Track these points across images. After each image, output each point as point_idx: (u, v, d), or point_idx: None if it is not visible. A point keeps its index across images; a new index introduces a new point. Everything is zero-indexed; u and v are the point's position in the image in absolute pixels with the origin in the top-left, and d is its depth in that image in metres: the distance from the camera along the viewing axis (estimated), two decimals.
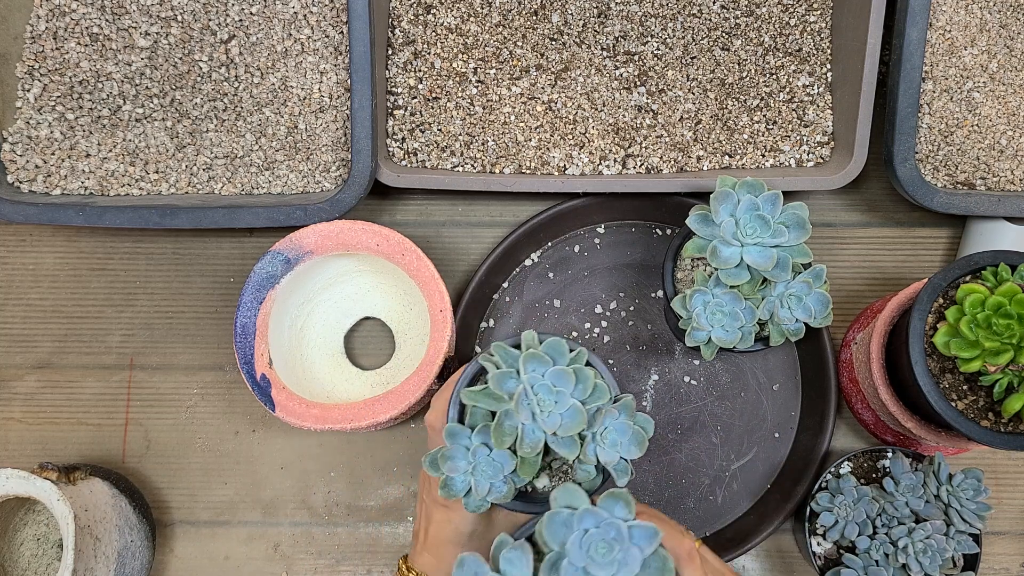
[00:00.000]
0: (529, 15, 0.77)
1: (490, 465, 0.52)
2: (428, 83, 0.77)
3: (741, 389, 0.76)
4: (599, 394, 0.52)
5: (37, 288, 0.80)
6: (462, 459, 0.52)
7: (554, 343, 0.52)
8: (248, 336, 0.67)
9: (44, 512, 0.73)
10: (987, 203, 0.70)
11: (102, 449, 0.77)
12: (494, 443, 0.51)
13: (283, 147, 0.75)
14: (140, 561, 0.70)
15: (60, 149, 0.74)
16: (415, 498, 0.76)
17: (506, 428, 0.51)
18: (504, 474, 0.53)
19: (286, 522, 0.76)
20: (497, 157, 0.76)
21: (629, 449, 0.52)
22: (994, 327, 0.55)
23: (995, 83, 0.73)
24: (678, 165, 0.76)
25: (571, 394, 0.51)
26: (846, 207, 0.80)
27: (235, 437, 0.77)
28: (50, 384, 0.78)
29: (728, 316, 0.64)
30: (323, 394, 0.72)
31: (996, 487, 0.75)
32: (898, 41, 0.69)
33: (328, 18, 0.75)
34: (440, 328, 0.66)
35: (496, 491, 0.53)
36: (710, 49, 0.77)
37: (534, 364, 0.51)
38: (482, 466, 0.52)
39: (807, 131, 0.76)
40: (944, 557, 0.63)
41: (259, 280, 0.68)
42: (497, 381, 0.51)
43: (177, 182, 0.75)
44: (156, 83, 0.75)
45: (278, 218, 0.70)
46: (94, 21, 0.75)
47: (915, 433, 0.64)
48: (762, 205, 0.61)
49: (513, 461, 0.52)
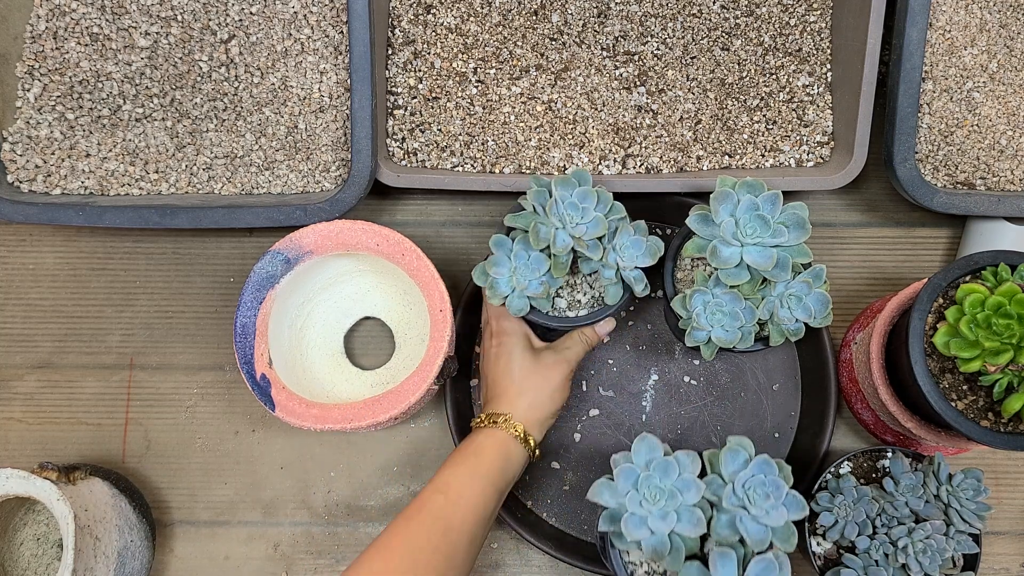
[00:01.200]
0: (529, 15, 0.77)
1: (528, 267, 0.64)
2: (428, 83, 0.77)
3: (741, 389, 0.76)
4: (617, 210, 0.65)
5: (37, 288, 0.80)
6: (505, 265, 0.65)
7: (580, 173, 0.64)
8: (248, 336, 0.67)
9: (44, 512, 0.73)
10: (987, 203, 0.70)
11: (102, 449, 0.77)
12: (532, 244, 0.63)
13: (283, 147, 0.75)
14: (140, 561, 0.70)
15: (60, 149, 0.74)
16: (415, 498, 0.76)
17: (541, 233, 0.63)
18: (540, 275, 0.64)
19: (286, 522, 0.76)
20: (497, 157, 0.76)
21: (643, 258, 0.64)
22: (994, 327, 0.55)
23: (995, 83, 0.73)
24: (678, 165, 0.76)
25: (594, 209, 0.63)
26: (846, 207, 0.80)
27: (235, 437, 0.77)
28: (50, 384, 0.78)
29: (728, 316, 0.64)
30: (323, 394, 0.72)
31: (996, 487, 0.75)
32: (898, 41, 0.69)
33: (328, 18, 0.75)
34: (440, 328, 0.66)
35: (533, 289, 0.65)
36: (710, 49, 0.77)
37: (564, 186, 0.63)
38: (521, 268, 0.64)
39: (807, 131, 0.76)
40: (944, 557, 0.63)
41: (259, 280, 0.68)
42: (534, 196, 0.64)
43: (177, 182, 0.75)
44: (156, 83, 0.75)
45: (278, 218, 0.70)
46: (94, 21, 0.75)
47: (915, 433, 0.64)
48: (762, 205, 0.61)
49: (547, 263, 0.64)
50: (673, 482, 0.55)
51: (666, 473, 0.56)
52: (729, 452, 0.56)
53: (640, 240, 0.65)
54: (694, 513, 0.55)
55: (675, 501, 0.55)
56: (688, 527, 0.54)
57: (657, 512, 0.55)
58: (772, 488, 0.54)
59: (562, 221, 0.62)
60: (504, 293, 0.65)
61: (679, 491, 0.55)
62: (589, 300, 0.69)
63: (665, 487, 0.55)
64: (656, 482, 0.55)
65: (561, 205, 0.62)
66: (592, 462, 0.75)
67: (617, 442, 0.75)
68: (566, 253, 0.63)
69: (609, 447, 0.75)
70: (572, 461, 0.75)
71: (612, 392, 0.76)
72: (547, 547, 0.71)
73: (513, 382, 0.66)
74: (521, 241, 0.65)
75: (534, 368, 0.67)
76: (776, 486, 0.54)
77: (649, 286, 0.67)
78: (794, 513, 0.54)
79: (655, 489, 0.55)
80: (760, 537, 0.54)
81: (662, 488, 0.55)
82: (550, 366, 0.67)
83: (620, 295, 0.67)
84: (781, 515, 0.54)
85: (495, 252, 0.65)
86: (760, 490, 0.54)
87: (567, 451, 0.76)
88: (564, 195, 0.63)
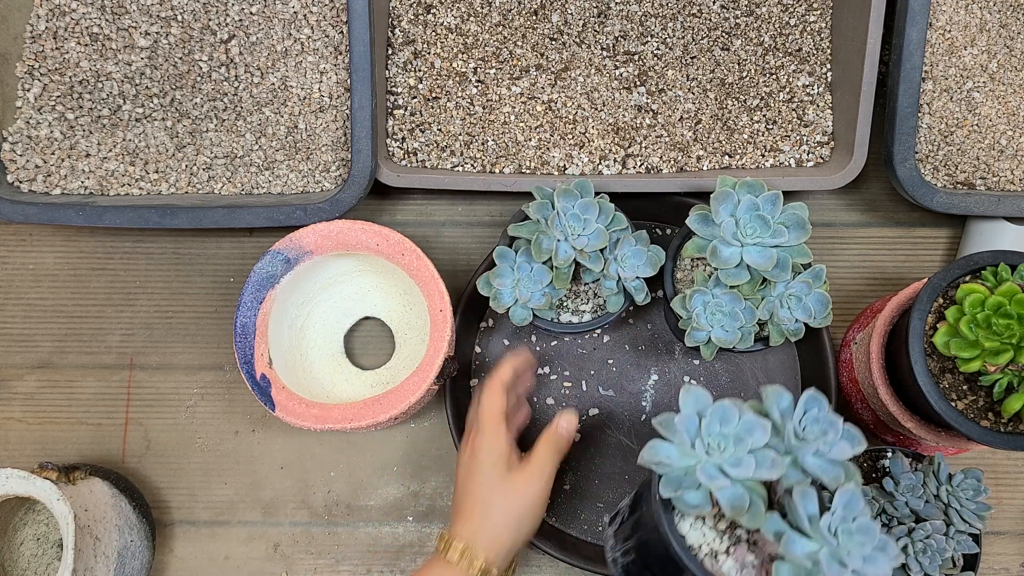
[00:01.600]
0: (529, 15, 0.77)
1: (531, 278, 0.65)
2: (428, 83, 0.77)
3: (741, 389, 0.76)
4: (618, 222, 0.66)
5: (37, 288, 0.80)
6: (508, 276, 0.66)
7: (582, 183, 0.64)
8: (248, 336, 0.67)
9: (44, 512, 0.73)
10: (987, 203, 0.70)
11: (102, 449, 0.77)
12: (534, 256, 0.64)
13: (283, 147, 0.75)
14: (140, 561, 0.70)
15: (60, 149, 0.74)
16: (415, 498, 0.76)
17: (544, 245, 0.64)
18: (542, 286, 0.65)
19: (286, 522, 0.76)
20: (497, 157, 0.76)
21: (644, 269, 0.65)
22: (994, 327, 0.55)
23: (995, 83, 0.73)
24: (678, 165, 0.76)
25: (595, 220, 0.64)
26: (846, 207, 0.80)
27: (235, 437, 0.77)
28: (50, 384, 0.78)
29: (728, 316, 0.64)
30: (323, 394, 0.72)
31: (996, 487, 0.75)
32: (898, 41, 0.69)
33: (328, 18, 0.75)
34: (440, 328, 0.66)
35: (536, 301, 0.66)
36: (710, 49, 0.77)
37: (566, 197, 0.64)
38: (524, 280, 0.65)
39: (807, 131, 0.76)
40: (944, 557, 0.63)
41: (259, 280, 0.68)
42: (536, 210, 0.65)
43: (177, 182, 0.75)
44: (156, 83, 0.75)
45: (278, 218, 0.70)
46: (94, 21, 0.75)
47: (915, 433, 0.64)
48: (762, 205, 0.61)
49: (549, 275, 0.65)
50: (735, 427, 0.50)
51: (726, 418, 0.50)
52: (774, 393, 0.52)
53: (641, 250, 0.65)
54: (767, 455, 0.49)
55: (744, 445, 0.49)
56: (766, 470, 0.49)
57: (729, 459, 0.49)
58: (828, 424, 0.51)
59: (564, 233, 0.63)
60: (507, 304, 0.67)
61: (746, 434, 0.50)
62: (592, 307, 0.70)
63: (729, 433, 0.50)
64: (719, 429, 0.50)
65: (563, 217, 0.63)
66: (592, 462, 0.75)
67: (617, 442, 0.75)
68: (568, 265, 0.65)
69: (609, 447, 0.75)
70: (572, 461, 0.75)
71: (612, 392, 0.76)
72: (547, 547, 0.71)
73: (480, 502, 0.61)
74: (524, 252, 0.66)
75: (505, 491, 0.61)
76: (832, 421, 0.51)
77: (650, 295, 0.68)
78: (856, 446, 0.51)
79: (719, 437, 0.50)
80: (833, 474, 0.50)
81: (725, 435, 0.50)
82: (521, 491, 0.62)
83: (622, 304, 0.68)
84: (845, 449, 0.50)
85: (498, 264, 0.66)
86: (817, 427, 0.50)
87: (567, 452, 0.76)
88: (566, 207, 0.63)
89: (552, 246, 0.64)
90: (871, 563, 0.48)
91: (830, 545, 0.48)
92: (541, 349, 0.77)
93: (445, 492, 0.76)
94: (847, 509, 0.48)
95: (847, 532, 0.48)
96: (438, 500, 0.76)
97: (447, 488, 0.76)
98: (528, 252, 0.66)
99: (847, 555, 0.47)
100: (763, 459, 0.49)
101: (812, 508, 0.48)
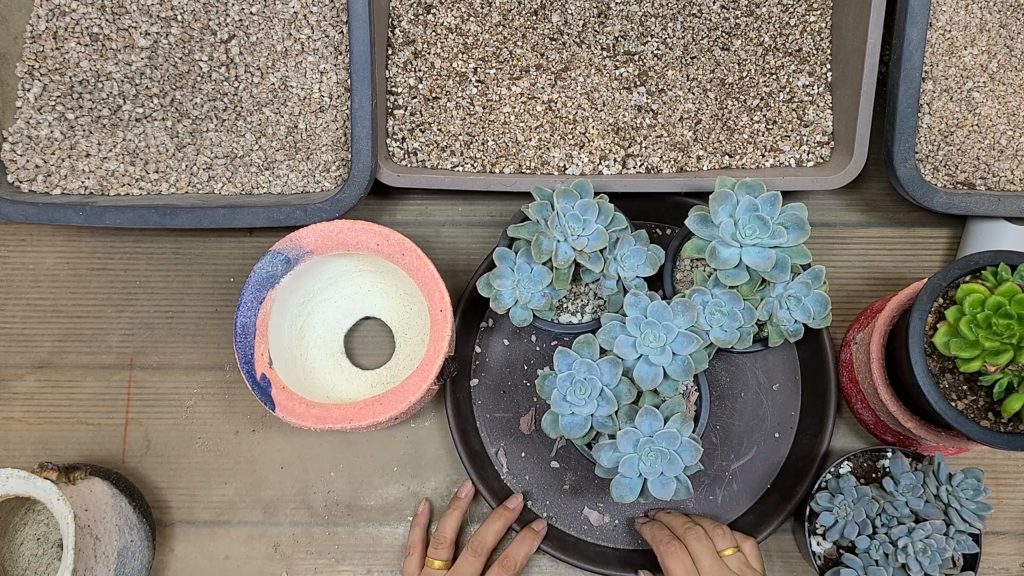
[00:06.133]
0: (529, 15, 0.77)
1: (531, 279, 0.66)
2: (428, 83, 0.77)
3: (741, 389, 0.76)
4: (618, 222, 0.66)
5: (37, 288, 0.80)
6: (508, 277, 0.66)
7: (581, 184, 0.65)
8: (248, 336, 0.67)
9: (44, 512, 0.73)
10: (987, 203, 0.70)
11: (102, 449, 0.77)
12: (534, 257, 0.64)
13: (283, 147, 0.75)
14: (140, 561, 0.70)
15: (60, 149, 0.74)
16: (415, 498, 0.76)
17: (543, 246, 0.64)
18: (543, 287, 0.66)
19: (286, 522, 0.76)
20: (497, 157, 0.76)
21: (644, 268, 0.66)
22: (994, 327, 0.55)
23: (995, 83, 0.73)
24: (678, 165, 0.76)
25: (595, 220, 0.64)
26: (846, 207, 0.80)
27: (235, 437, 0.77)
28: (50, 384, 0.78)
29: (727, 316, 0.64)
30: (323, 394, 0.72)
31: (996, 487, 0.75)
32: (898, 41, 0.69)
33: (328, 18, 0.75)
34: (440, 328, 0.66)
35: (536, 302, 0.66)
36: (710, 49, 0.77)
37: (565, 198, 0.64)
38: (524, 280, 0.66)
39: (807, 131, 0.76)
40: (944, 557, 0.63)
41: (259, 280, 0.68)
42: (536, 210, 0.65)
43: (177, 182, 0.75)
44: (156, 83, 0.75)
45: (278, 218, 0.70)
46: (94, 21, 0.75)
47: (915, 433, 0.64)
48: (761, 206, 0.61)
49: (549, 275, 0.65)
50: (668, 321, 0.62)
51: (661, 315, 0.62)
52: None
53: (641, 250, 0.66)
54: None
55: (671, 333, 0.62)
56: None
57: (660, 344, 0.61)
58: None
59: (564, 234, 0.63)
60: (508, 305, 0.67)
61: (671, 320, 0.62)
62: (592, 308, 0.70)
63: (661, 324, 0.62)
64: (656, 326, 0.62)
65: (563, 218, 0.63)
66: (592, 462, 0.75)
67: None
68: (568, 265, 0.65)
69: None
70: (572, 461, 0.75)
71: None
72: (547, 547, 0.71)
73: None
74: (524, 253, 0.66)
75: None
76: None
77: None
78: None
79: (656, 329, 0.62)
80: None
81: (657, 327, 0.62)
82: None
83: (621, 303, 0.67)
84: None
85: (498, 265, 0.66)
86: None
87: (567, 451, 0.76)
88: (566, 207, 0.63)
89: (552, 247, 0.64)
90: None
91: None
92: (541, 349, 0.77)
93: (445, 492, 0.76)
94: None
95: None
96: (438, 500, 0.76)
97: (447, 488, 0.76)
98: (528, 253, 0.66)
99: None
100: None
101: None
